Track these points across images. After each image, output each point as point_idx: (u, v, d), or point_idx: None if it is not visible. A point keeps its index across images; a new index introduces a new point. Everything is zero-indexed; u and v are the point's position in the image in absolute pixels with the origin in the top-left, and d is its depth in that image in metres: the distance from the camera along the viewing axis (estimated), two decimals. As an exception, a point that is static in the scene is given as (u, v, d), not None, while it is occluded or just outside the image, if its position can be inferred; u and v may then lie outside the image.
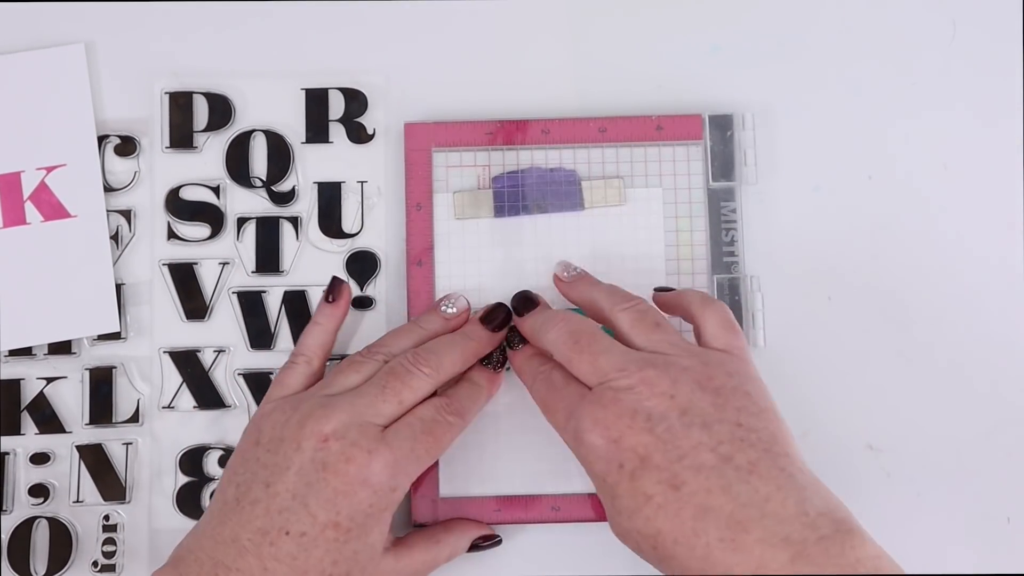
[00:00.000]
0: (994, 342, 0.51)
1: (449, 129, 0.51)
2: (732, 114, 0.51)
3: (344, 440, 0.42)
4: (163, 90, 0.52)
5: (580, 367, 0.43)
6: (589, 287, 0.48)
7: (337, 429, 0.42)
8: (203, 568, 0.41)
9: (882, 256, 0.51)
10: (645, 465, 0.40)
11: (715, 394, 0.41)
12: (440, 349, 0.46)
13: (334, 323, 0.48)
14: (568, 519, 0.49)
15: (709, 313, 0.44)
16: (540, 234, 0.51)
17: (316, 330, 0.48)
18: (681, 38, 0.53)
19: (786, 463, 0.39)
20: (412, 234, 0.50)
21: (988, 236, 0.51)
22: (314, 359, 0.47)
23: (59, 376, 0.51)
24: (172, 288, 0.51)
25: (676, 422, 0.40)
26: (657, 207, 0.51)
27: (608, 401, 0.41)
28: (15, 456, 0.50)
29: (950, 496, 0.50)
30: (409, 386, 0.44)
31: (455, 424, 0.45)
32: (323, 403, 0.44)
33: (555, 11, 0.53)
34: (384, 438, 0.43)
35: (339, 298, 0.49)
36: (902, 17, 0.53)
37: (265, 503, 0.42)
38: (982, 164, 0.52)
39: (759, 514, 0.37)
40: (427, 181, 0.51)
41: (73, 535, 0.50)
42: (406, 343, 0.47)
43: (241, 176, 0.52)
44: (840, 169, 0.52)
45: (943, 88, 0.52)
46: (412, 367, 0.45)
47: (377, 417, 0.43)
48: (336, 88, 0.52)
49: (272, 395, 0.46)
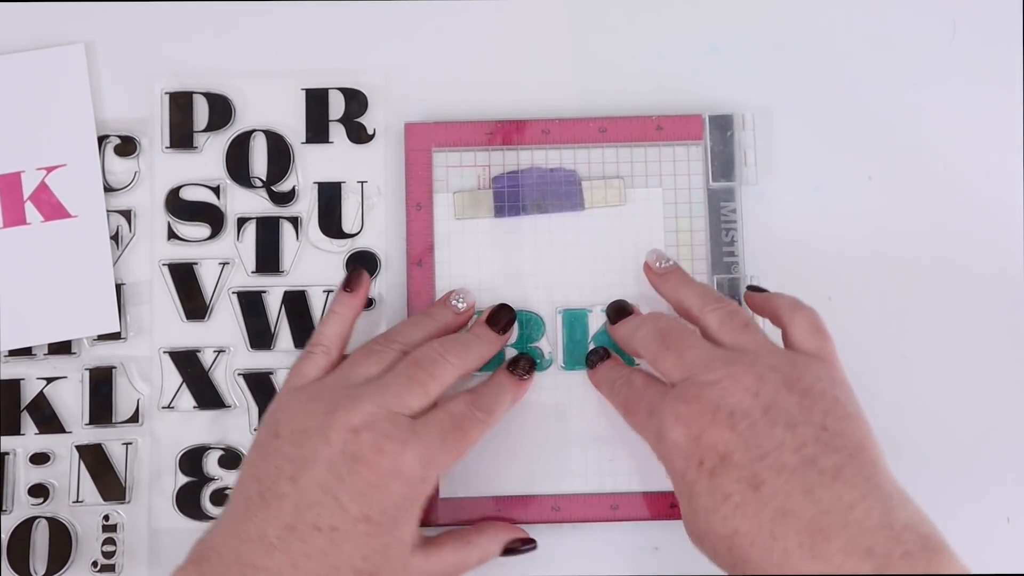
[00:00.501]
0: (994, 342, 0.51)
1: (449, 129, 0.51)
2: (732, 114, 0.51)
3: (375, 431, 0.41)
4: (163, 90, 0.52)
5: (666, 363, 0.43)
6: (680, 284, 0.47)
7: (367, 420, 0.42)
8: (228, 568, 0.40)
9: (882, 256, 0.51)
10: (725, 463, 0.39)
11: (802, 395, 0.40)
12: (468, 341, 0.46)
13: (352, 312, 0.48)
14: (569, 519, 0.49)
15: (799, 318, 0.44)
16: (540, 234, 0.51)
17: (335, 319, 0.48)
18: (681, 38, 0.53)
19: (872, 471, 0.38)
20: (412, 234, 0.50)
21: (988, 236, 0.51)
22: (332, 349, 0.47)
23: (59, 376, 0.51)
24: (172, 288, 0.51)
25: (759, 419, 0.39)
26: (657, 207, 0.51)
27: (691, 396, 0.40)
28: (15, 456, 0.50)
29: (950, 496, 0.50)
30: (435, 376, 0.44)
31: (484, 421, 0.45)
32: (349, 394, 0.43)
33: (555, 11, 0.53)
34: (414, 428, 0.42)
35: (358, 287, 0.48)
36: (902, 17, 0.53)
37: (293, 498, 0.41)
38: (982, 164, 0.52)
39: (842, 522, 0.36)
40: (427, 181, 0.51)
41: (73, 535, 0.50)
42: (420, 334, 0.47)
43: (241, 176, 0.52)
44: (840, 169, 0.52)
45: (943, 88, 0.52)
46: (439, 356, 0.44)
47: (405, 408, 0.43)
48: (336, 88, 0.52)
49: (289, 385, 0.46)
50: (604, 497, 0.49)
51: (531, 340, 0.50)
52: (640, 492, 0.49)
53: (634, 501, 0.49)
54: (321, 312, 0.51)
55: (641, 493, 0.49)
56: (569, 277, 0.51)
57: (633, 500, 0.49)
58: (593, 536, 0.50)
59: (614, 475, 0.49)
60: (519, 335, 0.50)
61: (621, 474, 0.49)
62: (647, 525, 0.50)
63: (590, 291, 0.50)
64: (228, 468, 0.50)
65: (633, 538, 0.50)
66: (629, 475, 0.49)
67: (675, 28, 0.53)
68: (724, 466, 0.39)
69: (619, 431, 0.49)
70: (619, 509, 0.49)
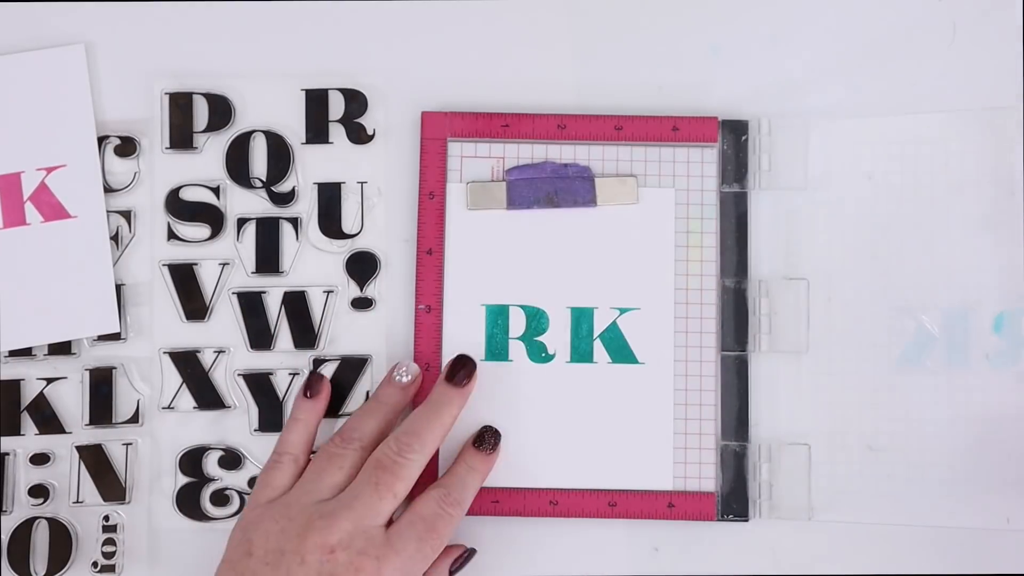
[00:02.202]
0: (994, 342, 0.51)
1: (466, 119, 0.51)
2: (748, 120, 0.51)
3: (350, 549, 0.42)
4: (163, 90, 0.52)
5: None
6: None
7: (342, 539, 0.42)
8: None
9: (882, 256, 0.51)
10: None
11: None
12: (418, 427, 0.46)
13: (315, 418, 0.48)
14: (566, 515, 0.49)
15: None
16: (551, 228, 0.51)
17: (298, 427, 0.48)
18: (680, 39, 0.53)
19: None
20: (424, 223, 0.50)
21: (988, 236, 0.51)
22: (300, 456, 0.47)
23: (59, 377, 0.51)
24: (172, 289, 0.51)
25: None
26: (669, 208, 0.51)
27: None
28: (15, 457, 0.50)
29: (950, 496, 0.50)
30: (400, 477, 0.44)
31: (456, 515, 0.45)
32: (321, 512, 0.43)
33: (555, 11, 0.53)
34: (389, 542, 0.43)
35: (318, 393, 0.48)
36: (902, 17, 0.53)
37: None
38: (982, 164, 0.52)
39: None
40: (441, 170, 0.51)
41: (73, 535, 0.50)
42: (373, 424, 0.47)
43: (241, 177, 0.52)
44: (840, 169, 0.52)
45: (943, 88, 0.52)
46: (398, 456, 0.45)
47: (378, 518, 0.44)
48: (336, 89, 0.52)
49: (258, 499, 0.46)
50: (602, 494, 0.49)
51: (537, 333, 0.50)
52: (638, 491, 0.49)
53: (631, 499, 0.49)
54: (321, 313, 0.51)
55: (639, 492, 0.49)
56: (578, 272, 0.51)
57: (630, 498, 0.49)
58: (592, 536, 0.50)
59: (612, 472, 0.49)
60: (526, 328, 0.50)
61: (619, 472, 0.49)
62: (647, 525, 0.50)
63: (598, 287, 0.51)
64: (228, 468, 0.50)
65: (632, 538, 0.50)
66: (627, 473, 0.49)
67: (674, 28, 0.53)
68: None
69: (620, 427, 0.49)
70: (617, 506, 0.49)
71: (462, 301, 0.50)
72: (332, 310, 0.51)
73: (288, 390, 0.51)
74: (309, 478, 0.45)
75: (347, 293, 0.51)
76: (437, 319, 0.50)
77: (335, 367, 0.51)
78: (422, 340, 0.50)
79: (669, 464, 0.50)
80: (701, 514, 0.49)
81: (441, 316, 0.50)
